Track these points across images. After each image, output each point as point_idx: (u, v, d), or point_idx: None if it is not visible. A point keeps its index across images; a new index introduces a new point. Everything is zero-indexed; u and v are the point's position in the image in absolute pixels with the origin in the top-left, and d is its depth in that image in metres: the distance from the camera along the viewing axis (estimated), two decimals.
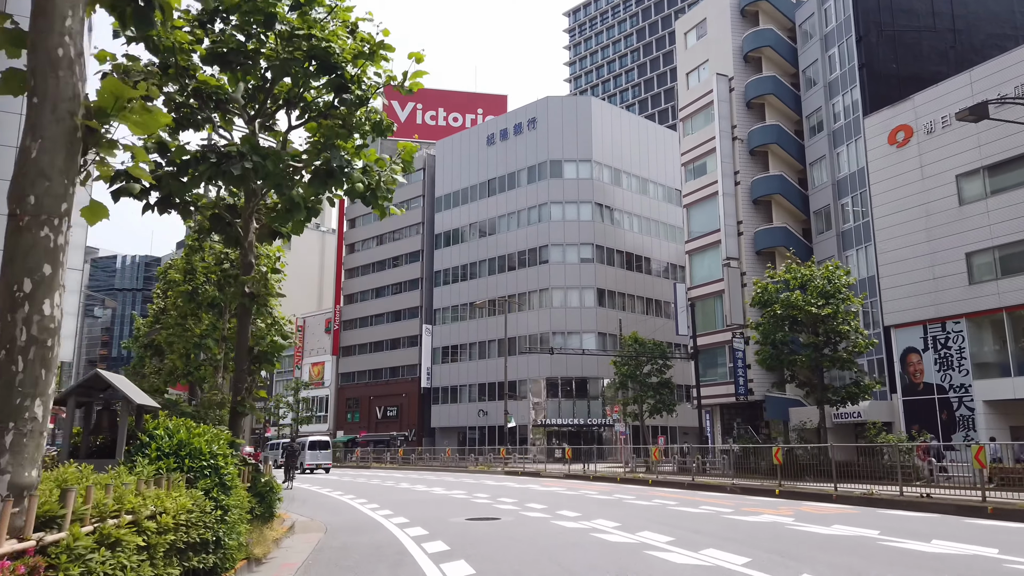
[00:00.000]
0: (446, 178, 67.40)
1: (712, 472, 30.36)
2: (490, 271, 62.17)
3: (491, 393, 60.17)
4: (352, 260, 75.85)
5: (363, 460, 49.28)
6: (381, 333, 70.66)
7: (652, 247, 62.91)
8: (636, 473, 31.17)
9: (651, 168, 64.13)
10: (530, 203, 60.06)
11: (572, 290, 57.50)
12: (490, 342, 61.08)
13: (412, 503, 19.02)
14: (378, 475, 34.83)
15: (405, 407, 66.78)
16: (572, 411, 56.57)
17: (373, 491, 24.26)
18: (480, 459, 48.94)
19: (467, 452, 51.75)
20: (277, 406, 66.91)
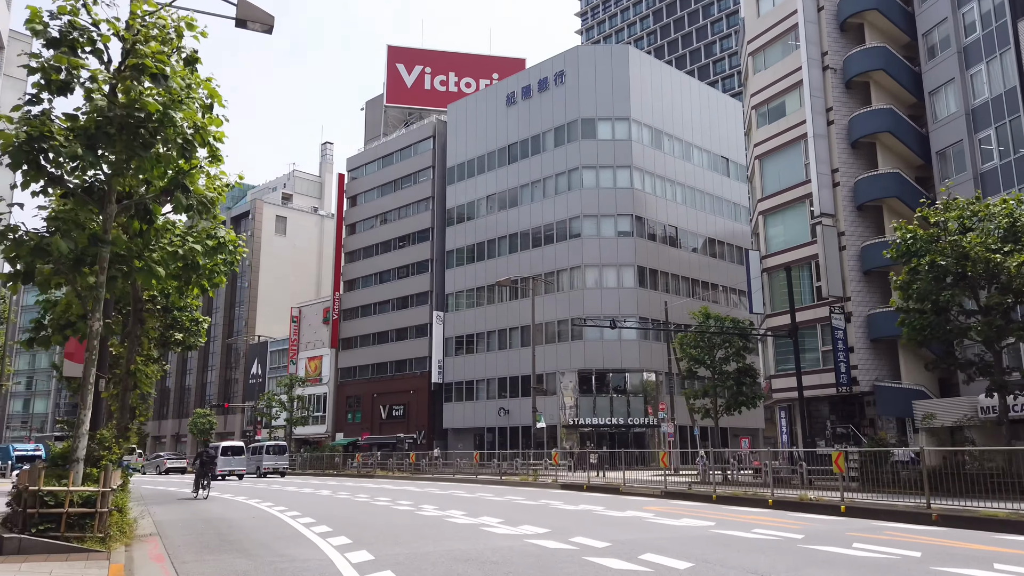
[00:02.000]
0: (459, 146, 59.37)
1: (794, 483, 22.06)
2: (511, 249, 54.08)
3: (513, 389, 52.04)
4: (353, 242, 67.82)
5: (366, 466, 41.34)
6: (386, 322, 62.61)
7: (698, 221, 54.76)
8: (696, 487, 22.91)
9: (694, 132, 56.01)
10: (558, 169, 51.97)
11: (608, 268, 49.37)
12: (512, 330, 52.96)
13: None
14: (385, 489, 26.72)
15: (413, 406, 58.70)
16: (609, 409, 48.42)
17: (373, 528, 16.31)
18: (505, 465, 40.90)
19: (486, 457, 43.73)
20: (269, 406, 58.95)
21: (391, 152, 65.56)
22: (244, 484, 29.78)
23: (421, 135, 62.91)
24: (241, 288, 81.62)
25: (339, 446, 59.71)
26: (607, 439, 48.50)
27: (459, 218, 58.36)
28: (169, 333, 21.17)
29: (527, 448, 47.85)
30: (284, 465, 38.91)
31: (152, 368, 26.65)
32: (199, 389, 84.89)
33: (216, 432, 75.27)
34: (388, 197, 65.04)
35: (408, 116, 70.68)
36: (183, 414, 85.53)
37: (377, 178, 66.47)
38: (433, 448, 52.88)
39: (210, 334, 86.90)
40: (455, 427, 55.64)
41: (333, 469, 44.00)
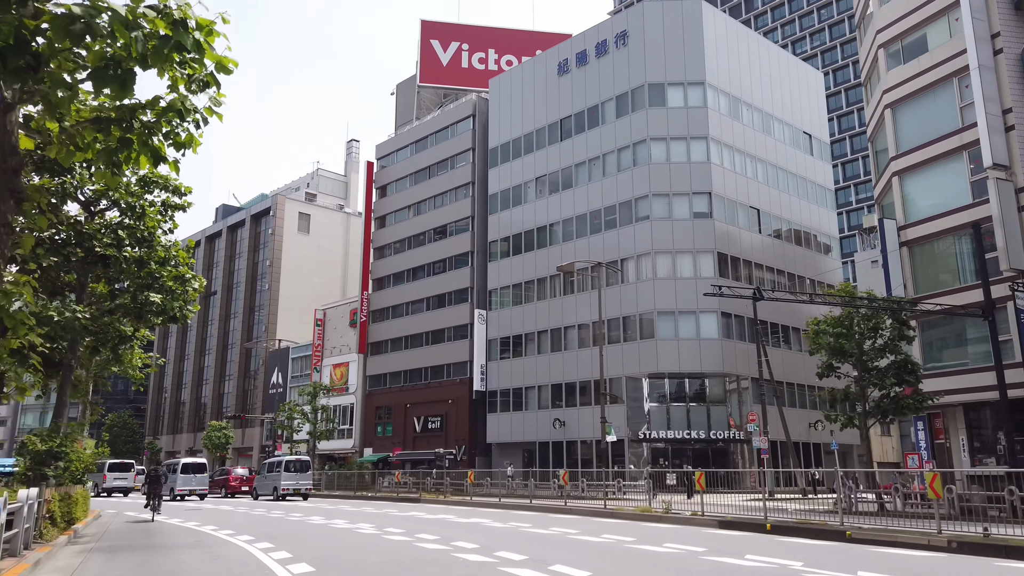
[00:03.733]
0: (502, 124, 52.75)
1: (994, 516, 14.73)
2: (564, 236, 47.14)
3: (570, 397, 44.91)
4: (383, 236, 61.35)
5: (406, 487, 33.97)
6: (420, 324, 55.88)
7: (781, 203, 47.48)
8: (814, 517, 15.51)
9: (774, 103, 48.88)
10: (621, 143, 45.05)
11: (683, 255, 42.21)
12: (567, 329, 45.90)
13: None
14: (450, 523, 19.42)
15: (452, 417, 51.74)
16: (685, 420, 41.08)
17: None
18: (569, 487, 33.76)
19: (538, 476, 36.67)
20: (290, 417, 52.39)
21: (425, 136, 59.14)
22: (257, 512, 22.96)
23: (459, 115, 56.42)
24: (261, 291, 75.53)
25: (368, 462, 52.98)
26: (685, 456, 41.15)
27: (503, 204, 51.60)
28: (143, 295, 14.58)
29: (588, 466, 40.77)
30: (308, 485, 32.11)
31: (137, 355, 20.07)
32: (216, 400, 78.72)
33: (233, 447, 68.88)
34: (422, 185, 58.53)
35: (443, 98, 64.34)
36: (199, 427, 79.39)
37: (409, 165, 60.05)
38: (474, 464, 45.88)
39: (228, 340, 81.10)
40: (500, 441, 48.56)
41: (365, 489, 37.09)
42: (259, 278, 76.42)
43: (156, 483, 21.91)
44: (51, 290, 15.29)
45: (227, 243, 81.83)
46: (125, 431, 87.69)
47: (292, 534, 14.35)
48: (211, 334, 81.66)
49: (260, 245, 77.73)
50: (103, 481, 40.14)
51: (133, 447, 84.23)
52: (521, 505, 23.86)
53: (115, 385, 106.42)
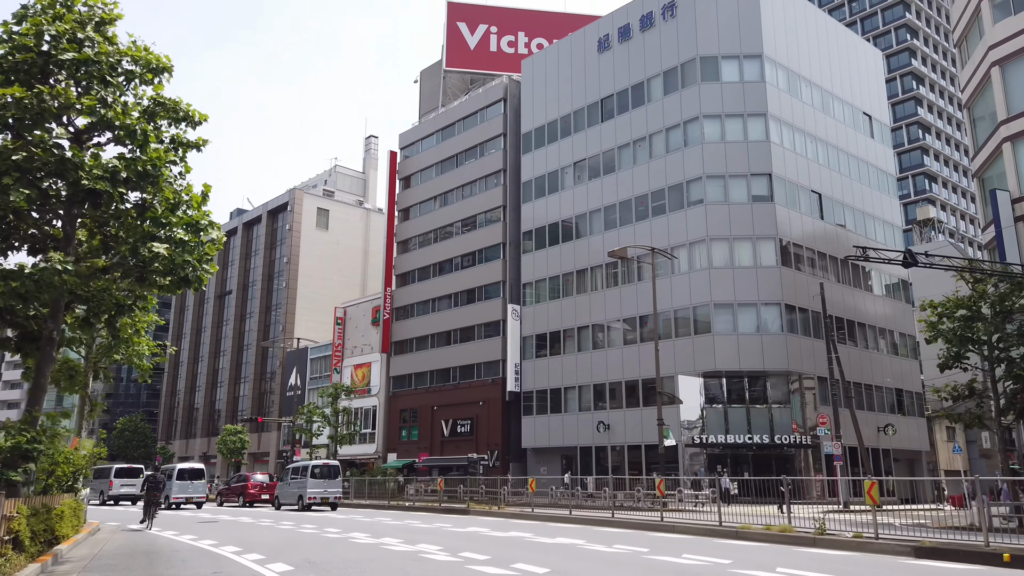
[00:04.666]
0: (536, 107, 49.33)
1: None
2: (607, 224, 43.59)
3: (615, 398, 41.26)
4: (406, 229, 58.02)
5: (451, 495, 30.16)
6: (448, 321, 52.43)
7: (843, 188, 43.76)
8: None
9: (833, 80, 45.20)
10: (669, 122, 41.50)
11: (741, 242, 38.55)
12: (611, 325, 42.29)
13: None
14: (536, 545, 15.98)
15: (483, 420, 48.19)
16: (745, 423, 37.34)
17: None
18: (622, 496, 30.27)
19: (583, 485, 33.05)
20: (309, 420, 49.07)
21: (452, 122, 55.82)
22: (284, 525, 19.51)
23: (489, 99, 53.06)
24: (278, 289, 72.37)
25: (392, 468, 49.55)
26: (745, 462, 37.42)
27: (537, 192, 48.12)
28: (145, 248, 11.16)
29: (636, 472, 37.16)
30: (337, 493, 28.58)
31: (144, 342, 16.71)
32: (230, 403, 75.52)
33: (249, 452, 65.61)
34: (449, 175, 55.18)
35: (470, 84, 61.06)
36: (212, 432, 76.23)
37: (435, 154, 56.74)
38: (509, 470, 42.35)
39: (243, 341, 77.96)
40: (536, 446, 44.94)
41: (393, 498, 33.54)
42: (276, 276, 73.31)
43: (155, 490, 20.67)
44: (31, 245, 11.93)
45: (242, 241, 78.84)
46: (137, 435, 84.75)
47: (342, 560, 10.88)
48: (226, 335, 78.60)
49: (277, 242, 74.64)
50: (109, 488, 36.90)
51: (145, 452, 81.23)
52: (600, 520, 20.19)
53: (127, 388, 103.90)
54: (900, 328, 45.83)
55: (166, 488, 32.26)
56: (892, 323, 45.23)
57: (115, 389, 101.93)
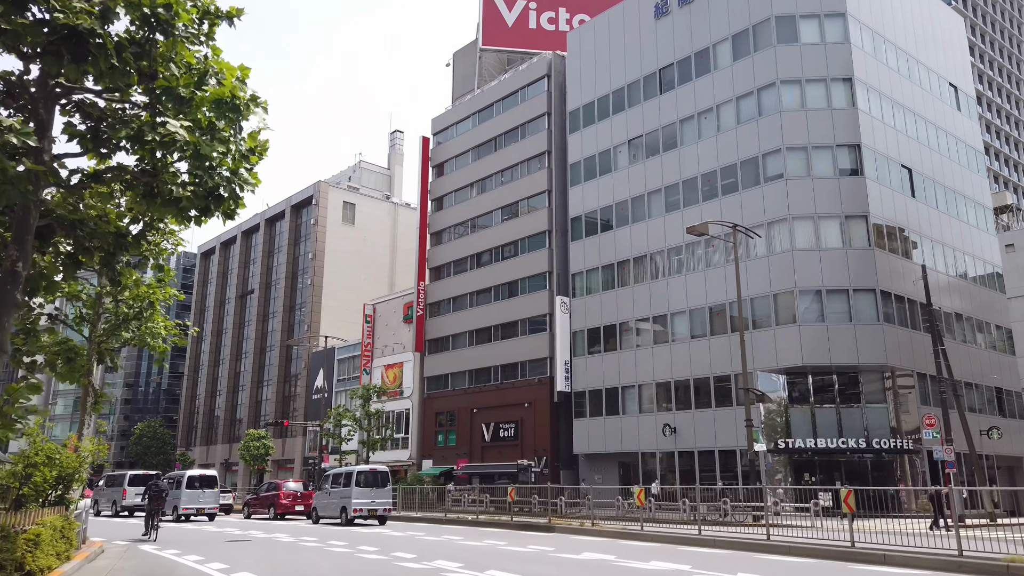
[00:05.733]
0: (584, 82, 45.34)
1: None
2: (669, 206, 39.44)
3: (682, 398, 36.98)
4: (440, 219, 54.18)
5: (525, 505, 25.98)
6: (487, 316, 48.43)
7: (932, 163, 39.36)
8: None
9: (917, 46, 40.86)
10: (740, 90, 37.33)
11: (828, 220, 34.24)
12: (675, 315, 38.06)
13: None
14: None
15: (529, 423, 44.06)
16: (836, 425, 32.92)
17: None
18: (705, 508, 26.10)
19: (660, 496, 28.75)
20: (338, 424, 45.28)
21: (490, 103, 51.96)
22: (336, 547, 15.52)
23: (531, 76, 49.14)
24: (302, 287, 68.77)
25: (428, 476, 45.59)
26: (835, 470, 32.98)
27: (587, 174, 44.06)
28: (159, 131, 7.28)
29: (709, 481, 32.97)
30: (386, 505, 24.41)
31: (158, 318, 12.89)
32: (253, 408, 71.92)
33: (272, 459, 61.89)
34: (487, 159, 51.29)
35: (507, 65, 57.21)
36: (234, 438, 72.66)
37: (471, 138, 52.90)
38: (559, 479, 38.29)
39: (266, 343, 74.36)
40: (590, 451, 40.72)
41: (432, 509, 29.47)
42: (300, 273, 69.74)
43: (157, 499, 19.30)
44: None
45: (265, 238, 75.43)
46: (156, 442, 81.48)
47: None
48: (247, 336, 75.08)
49: (301, 238, 71.12)
50: (123, 498, 33.09)
51: (164, 459, 77.91)
52: (718, 540, 15.98)
53: (145, 393, 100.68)
54: (995, 320, 41.24)
55: (171, 497, 28.65)
56: (986, 314, 40.66)
57: (133, 394, 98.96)
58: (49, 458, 10.08)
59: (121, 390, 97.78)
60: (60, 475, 10.22)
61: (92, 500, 38.42)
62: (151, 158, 8.04)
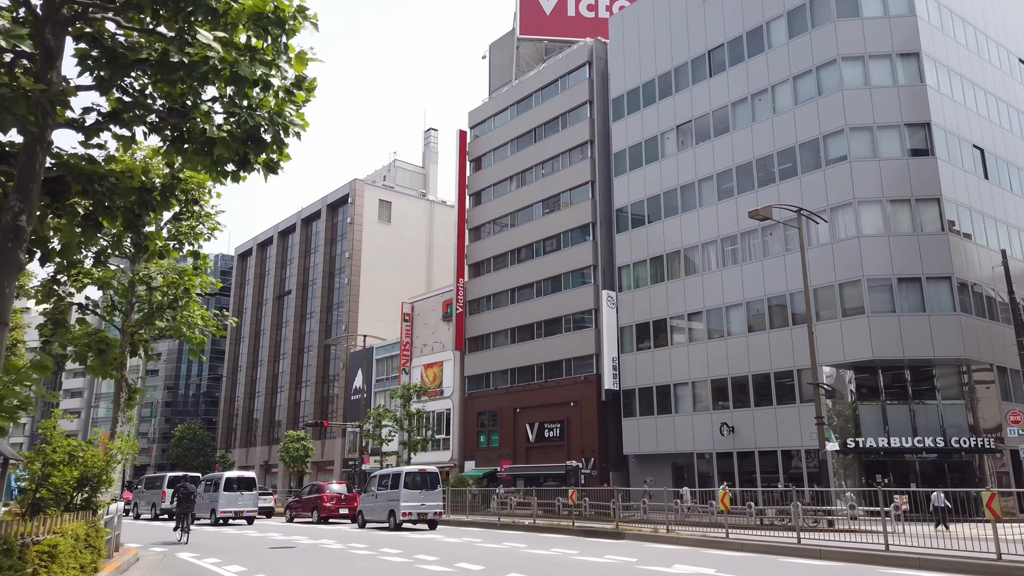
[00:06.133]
0: (628, 67, 43.59)
1: None
2: (721, 193, 37.53)
3: (739, 396, 35.03)
4: (479, 215, 52.83)
5: (598, 508, 24.54)
6: (529, 312, 46.91)
7: (1007, 145, 36.85)
8: None
9: (986, 21, 38.37)
10: (798, 69, 35.29)
11: (898, 205, 32.04)
12: (731, 308, 36.12)
13: None
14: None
15: (575, 423, 42.41)
16: (909, 423, 30.71)
17: None
18: (772, 512, 24.34)
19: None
20: (378, 425, 44.16)
21: (529, 93, 50.47)
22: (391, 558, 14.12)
23: (571, 64, 47.53)
24: (339, 287, 68.00)
25: (471, 478, 44.14)
26: (909, 470, 30.77)
27: (632, 163, 42.29)
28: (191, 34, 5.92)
29: (768, 484, 31.01)
30: (436, 508, 22.89)
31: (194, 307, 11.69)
32: (291, 409, 71.35)
33: (312, 460, 61.10)
34: (526, 151, 49.81)
35: (545, 55, 55.68)
36: (273, 440, 72.18)
37: (510, 130, 51.47)
38: (609, 481, 36.56)
39: (304, 343, 73.80)
40: (641, 452, 38.93)
41: (483, 512, 27.98)
42: (337, 273, 68.99)
43: (187, 501, 18.90)
44: None
45: (301, 238, 74.88)
46: (196, 444, 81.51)
47: None
48: (285, 337, 74.59)
49: (338, 237, 70.39)
50: (162, 500, 32.19)
51: (204, 461, 77.84)
52: (825, 551, 14.17)
53: (185, 395, 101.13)
54: None
55: (208, 499, 27.71)
56: None
57: (173, 397, 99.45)
58: (71, 456, 8.83)
59: (162, 393, 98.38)
60: (85, 476, 8.96)
61: (132, 503, 37.85)
62: (180, 94, 6.68)
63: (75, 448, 8.96)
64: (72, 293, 14.86)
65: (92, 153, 7.27)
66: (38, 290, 15.29)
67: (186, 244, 15.76)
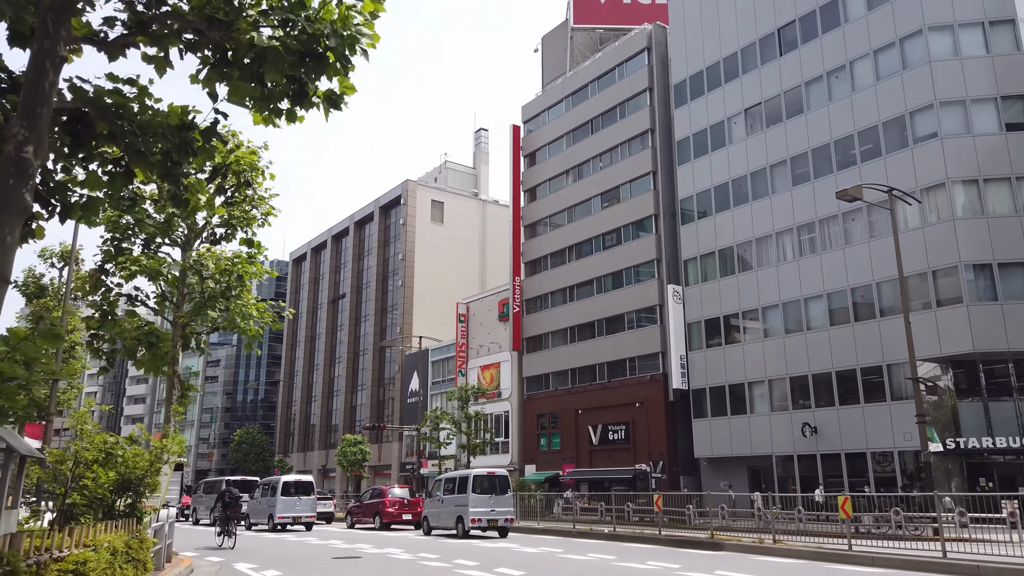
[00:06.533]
0: (691, 51, 41.57)
1: None
2: (796, 179, 35.22)
3: (822, 393, 32.66)
4: (534, 211, 51.35)
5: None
6: (590, 310, 45.18)
7: None
8: None
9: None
10: (879, 42, 32.83)
11: (996, 184, 29.36)
12: (810, 300, 33.78)
13: None
14: None
15: (641, 424, 40.48)
16: (1015, 422, 27.95)
17: None
18: (870, 519, 22.02)
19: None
20: (436, 428, 42.96)
21: (584, 84, 48.83)
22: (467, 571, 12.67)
23: (629, 51, 45.72)
24: (393, 289, 67.38)
25: (532, 482, 42.58)
26: (1018, 473, 28.02)
27: (697, 150, 40.23)
28: None
29: (856, 488, 28.72)
30: (508, 514, 21.41)
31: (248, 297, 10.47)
32: (348, 413, 71.01)
33: (369, 464, 60.42)
34: (582, 144, 48.15)
35: (599, 44, 53.95)
36: (330, 444, 71.95)
37: (565, 123, 49.89)
38: (680, 485, 34.67)
39: (359, 347, 73.42)
40: (713, 455, 36.80)
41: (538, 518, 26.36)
42: (391, 275, 68.41)
43: (232, 506, 18.57)
44: None
45: (354, 241, 74.64)
46: (255, 448, 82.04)
47: None
48: (340, 340, 74.39)
49: (391, 239, 69.84)
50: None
51: (263, 465, 78.21)
52: (985, 567, 12.17)
53: (243, 401, 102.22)
54: None
55: (271, 505, 26.87)
56: None
57: (232, 402, 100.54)
58: (107, 454, 7.61)
59: (221, 398, 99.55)
60: (126, 478, 7.74)
61: (192, 507, 37.43)
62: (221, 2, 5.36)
63: (112, 446, 7.77)
64: (121, 284, 13.89)
65: (121, 87, 5.97)
66: (85, 280, 14.36)
67: (239, 231, 14.68)
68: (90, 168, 6.20)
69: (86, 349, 15.64)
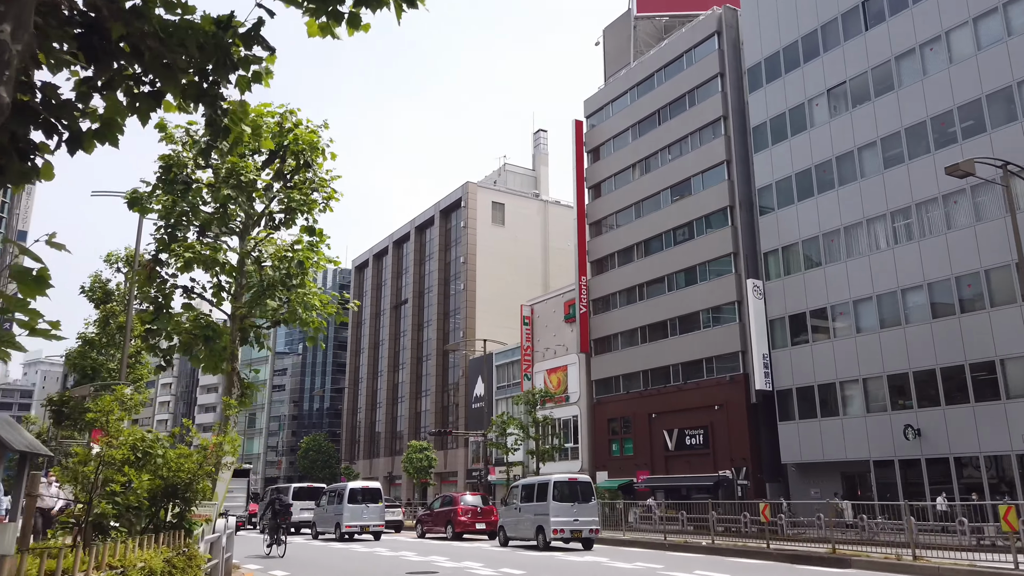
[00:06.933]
0: (765, 32, 39.23)
1: None
2: (888, 161, 32.52)
3: (926, 393, 29.87)
4: (599, 208, 49.54)
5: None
6: (661, 308, 43.08)
7: None
8: None
9: None
10: (978, 9, 30.00)
11: None
12: (908, 291, 31.04)
13: None
14: None
15: (720, 428, 38.17)
16: None
17: None
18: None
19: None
20: (503, 433, 41.61)
21: (650, 74, 46.87)
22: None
23: (697, 36, 43.61)
24: (456, 293, 66.48)
25: (605, 489, 40.71)
26: None
27: (775, 136, 37.83)
28: None
29: (968, 495, 25.91)
30: (592, 524, 19.71)
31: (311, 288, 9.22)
32: (412, 419, 70.36)
33: (435, 471, 59.48)
34: (649, 136, 46.16)
35: (663, 33, 51.89)
36: (395, 451, 71.41)
37: (629, 115, 47.99)
38: (765, 493, 32.28)
39: (422, 352, 72.80)
40: (802, 460, 34.26)
41: (672, 531, 24.50)
42: (452, 279, 67.55)
43: (282, 513, 18.30)
44: None
45: (415, 246, 74.15)
46: (321, 455, 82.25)
47: None
48: (403, 346, 73.90)
49: (452, 243, 69.02)
50: None
51: (329, 472, 78.25)
52: None
53: (310, 409, 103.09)
54: None
55: (338, 513, 25.87)
56: None
57: (299, 410, 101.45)
58: (144, 454, 6.31)
59: (288, 406, 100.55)
60: (169, 482, 6.46)
61: (260, 514, 36.90)
62: None
63: (151, 444, 6.49)
64: (176, 275, 12.88)
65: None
66: (139, 272, 13.41)
67: (299, 216, 13.51)
68: (112, 95, 4.89)
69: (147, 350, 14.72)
